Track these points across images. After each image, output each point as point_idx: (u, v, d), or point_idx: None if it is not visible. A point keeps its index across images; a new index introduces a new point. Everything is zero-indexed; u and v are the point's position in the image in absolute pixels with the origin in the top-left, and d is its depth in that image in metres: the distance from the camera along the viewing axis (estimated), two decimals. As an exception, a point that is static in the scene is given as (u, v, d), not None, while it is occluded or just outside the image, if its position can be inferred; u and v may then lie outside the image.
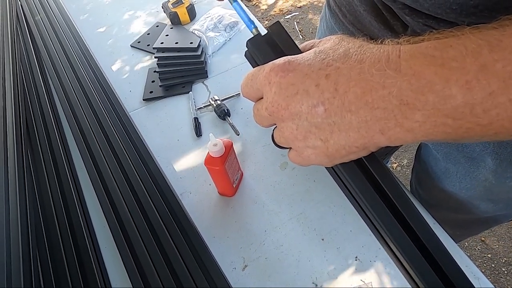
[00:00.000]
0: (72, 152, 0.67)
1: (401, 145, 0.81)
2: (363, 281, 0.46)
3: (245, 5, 2.32)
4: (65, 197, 0.59)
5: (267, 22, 2.15)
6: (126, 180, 0.60)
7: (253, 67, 0.29)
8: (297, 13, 2.14)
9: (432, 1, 0.28)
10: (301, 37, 1.98)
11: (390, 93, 0.21)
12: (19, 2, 1.09)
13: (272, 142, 0.30)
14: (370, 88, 0.21)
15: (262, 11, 2.25)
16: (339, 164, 0.28)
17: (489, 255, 1.23)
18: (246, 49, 0.30)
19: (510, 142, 0.42)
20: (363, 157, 0.27)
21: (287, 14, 2.15)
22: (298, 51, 0.27)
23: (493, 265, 1.21)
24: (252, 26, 0.30)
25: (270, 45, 0.27)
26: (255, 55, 0.28)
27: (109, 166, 0.62)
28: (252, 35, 0.29)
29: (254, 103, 0.29)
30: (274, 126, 0.29)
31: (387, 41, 0.23)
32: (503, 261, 1.21)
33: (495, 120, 0.19)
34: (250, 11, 2.28)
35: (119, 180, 0.60)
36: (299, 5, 2.19)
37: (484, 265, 1.21)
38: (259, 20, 2.17)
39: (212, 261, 0.49)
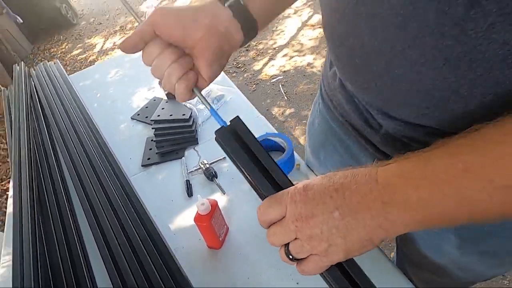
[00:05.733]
0: (78, 214, 0.76)
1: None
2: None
3: (235, 71, 2.55)
4: (72, 253, 0.67)
5: (254, 85, 2.35)
6: (126, 238, 0.68)
7: (223, 151, 0.39)
8: (282, 77, 2.36)
9: (403, 114, 0.39)
10: (286, 98, 2.16)
11: (376, 198, 0.30)
12: (32, 82, 1.24)
13: (284, 258, 0.37)
14: (363, 196, 0.31)
15: (250, 76, 2.46)
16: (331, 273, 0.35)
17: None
18: (215, 136, 0.39)
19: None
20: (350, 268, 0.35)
21: (273, 78, 2.36)
22: (257, 144, 0.38)
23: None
24: (224, 124, 0.40)
25: (232, 134, 0.38)
26: (221, 141, 0.38)
27: (111, 226, 0.70)
28: (222, 127, 0.40)
29: (266, 227, 0.37)
30: (284, 247, 0.36)
31: (367, 168, 0.33)
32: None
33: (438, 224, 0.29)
34: (239, 76, 2.50)
35: (120, 239, 0.68)
36: (284, 70, 2.42)
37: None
38: (247, 85, 2.38)
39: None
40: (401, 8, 0.29)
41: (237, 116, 0.39)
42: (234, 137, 0.38)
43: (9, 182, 1.93)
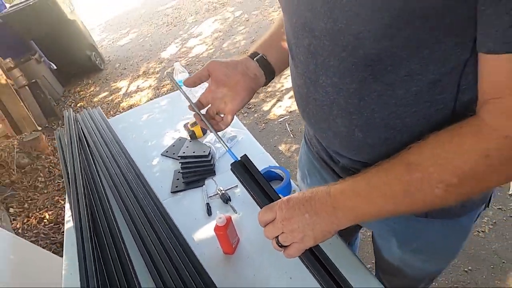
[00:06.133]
0: (123, 230, 0.97)
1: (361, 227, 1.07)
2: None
3: (246, 111, 2.83)
4: (121, 259, 0.88)
5: (264, 124, 2.61)
6: (163, 247, 0.88)
7: (236, 177, 0.61)
8: (288, 116, 2.61)
9: (346, 155, 0.61)
10: (292, 136, 2.40)
11: (329, 205, 0.51)
12: (80, 126, 1.51)
13: (274, 245, 0.56)
14: (322, 204, 0.52)
15: (259, 116, 2.73)
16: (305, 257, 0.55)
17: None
18: (231, 167, 0.62)
19: (404, 226, 0.68)
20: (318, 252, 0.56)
21: (280, 118, 2.62)
22: (258, 172, 0.59)
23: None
24: (236, 159, 0.62)
25: (242, 167, 0.60)
26: (235, 171, 0.61)
27: (150, 238, 0.92)
28: (233, 160, 0.62)
29: (263, 226, 0.57)
30: (275, 237, 0.55)
31: (325, 187, 0.53)
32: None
33: (366, 219, 0.50)
34: (250, 116, 2.78)
35: (157, 247, 0.89)
36: (290, 110, 2.68)
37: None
38: (257, 124, 2.64)
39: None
40: (327, 97, 0.53)
41: (245, 154, 0.62)
42: (243, 168, 0.60)
43: (46, 211, 2.18)
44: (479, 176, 0.42)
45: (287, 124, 2.53)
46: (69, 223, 1.11)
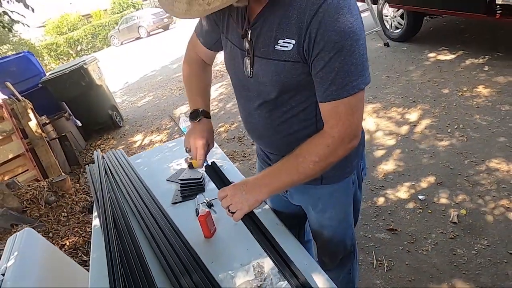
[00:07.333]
0: (137, 229, 1.37)
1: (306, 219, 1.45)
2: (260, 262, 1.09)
3: (242, 159, 3.28)
4: (135, 251, 1.27)
5: (255, 170, 3.04)
6: (165, 238, 1.27)
7: (207, 175, 1.03)
8: (277, 163, 3.05)
9: (273, 153, 1.06)
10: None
11: (256, 185, 0.93)
12: (106, 162, 1.97)
13: (227, 212, 0.98)
14: (252, 184, 0.94)
15: (252, 163, 3.17)
16: (245, 220, 0.97)
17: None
18: (204, 168, 1.05)
19: (312, 194, 1.08)
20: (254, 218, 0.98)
21: (270, 164, 3.06)
22: (221, 171, 1.03)
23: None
24: (208, 163, 1.06)
25: (212, 169, 1.03)
26: (207, 171, 1.04)
27: (158, 234, 1.31)
28: (207, 164, 1.06)
29: (221, 201, 0.99)
30: (227, 208, 0.97)
31: (255, 175, 0.97)
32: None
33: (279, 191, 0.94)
34: (245, 163, 3.22)
35: (162, 239, 1.28)
36: (279, 158, 3.13)
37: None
38: (250, 169, 3.06)
39: (203, 263, 1.13)
40: (256, 120, 0.98)
41: (213, 161, 1.06)
42: (212, 169, 1.04)
43: (67, 239, 2.55)
44: (326, 156, 0.85)
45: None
46: (96, 227, 1.51)
